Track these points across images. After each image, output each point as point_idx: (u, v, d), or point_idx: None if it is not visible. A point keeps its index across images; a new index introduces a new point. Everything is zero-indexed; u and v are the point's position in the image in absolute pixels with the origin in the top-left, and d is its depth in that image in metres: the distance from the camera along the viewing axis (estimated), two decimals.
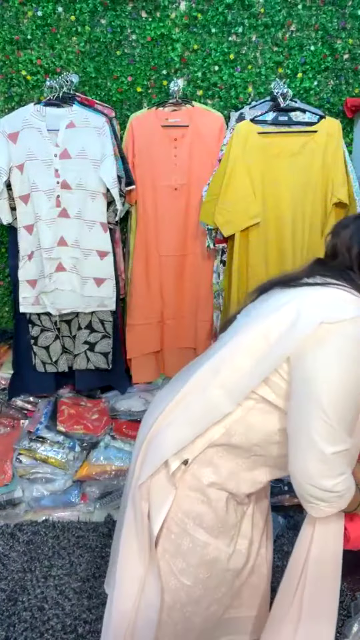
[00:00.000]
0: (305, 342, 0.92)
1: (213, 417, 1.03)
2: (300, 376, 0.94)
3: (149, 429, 1.12)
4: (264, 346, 0.98)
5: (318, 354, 0.91)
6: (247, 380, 1.00)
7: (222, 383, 1.03)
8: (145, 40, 2.15)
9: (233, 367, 1.02)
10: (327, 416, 0.89)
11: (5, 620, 1.74)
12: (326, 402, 0.90)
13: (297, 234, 2.03)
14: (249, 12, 2.13)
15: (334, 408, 0.90)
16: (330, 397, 0.90)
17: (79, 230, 2.06)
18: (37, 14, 2.10)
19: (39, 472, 2.17)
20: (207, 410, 1.04)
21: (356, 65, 2.21)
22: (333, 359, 0.90)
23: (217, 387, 1.03)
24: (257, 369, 0.99)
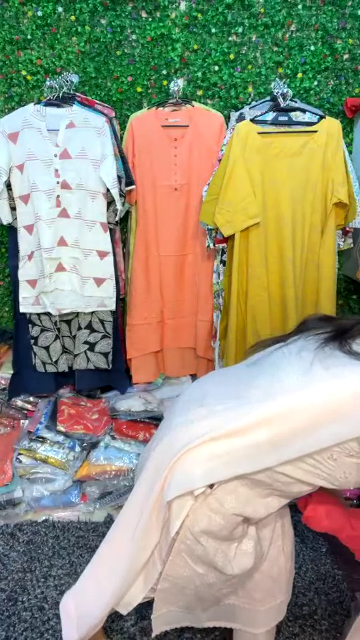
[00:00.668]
0: None
1: (253, 467, 1.04)
2: None
3: (178, 451, 1.11)
4: (343, 412, 0.97)
5: None
6: (301, 444, 1.00)
7: (272, 437, 1.02)
8: (145, 40, 2.15)
9: (290, 424, 1.01)
10: None
11: (5, 620, 1.74)
12: None
13: (297, 233, 2.03)
14: (249, 12, 2.13)
15: None
16: None
17: (79, 230, 2.06)
18: (37, 14, 2.10)
19: (39, 472, 2.17)
20: (249, 457, 1.04)
21: (356, 65, 2.22)
22: None
23: (266, 440, 1.02)
24: (321, 434, 0.98)
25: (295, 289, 2.06)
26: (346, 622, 1.69)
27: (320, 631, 1.72)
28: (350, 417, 0.95)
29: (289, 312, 2.06)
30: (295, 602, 1.83)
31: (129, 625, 1.73)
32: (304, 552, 2.05)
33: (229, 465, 1.05)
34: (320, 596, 1.85)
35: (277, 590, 1.33)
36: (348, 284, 2.52)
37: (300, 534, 2.15)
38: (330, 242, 2.05)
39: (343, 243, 2.21)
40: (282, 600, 1.36)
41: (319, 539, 2.12)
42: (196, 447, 1.09)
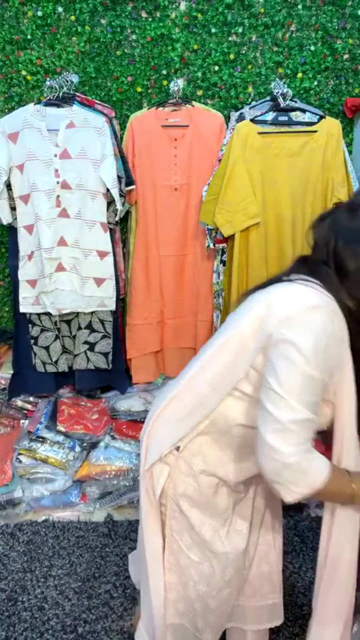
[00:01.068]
0: (272, 334, 0.96)
1: (201, 413, 1.09)
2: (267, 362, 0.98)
3: (150, 423, 1.20)
4: (240, 344, 1.04)
5: (280, 344, 0.94)
6: (228, 376, 1.06)
7: (209, 381, 1.09)
8: (145, 40, 2.15)
9: (217, 366, 1.08)
10: (280, 388, 0.92)
11: (5, 620, 1.74)
12: (284, 378, 0.92)
13: (297, 234, 2.03)
14: (249, 12, 2.13)
15: (289, 385, 0.91)
16: (289, 375, 0.92)
17: (79, 230, 2.06)
18: (37, 14, 2.10)
19: (39, 472, 2.17)
20: (196, 406, 1.10)
21: (356, 65, 2.22)
22: (293, 344, 0.92)
23: (205, 385, 1.09)
24: (236, 365, 1.04)
25: None
26: None
27: None
28: (252, 342, 1.02)
29: None
30: (295, 602, 1.83)
31: (128, 625, 1.73)
32: (304, 552, 2.05)
33: (185, 420, 1.11)
34: None
35: (268, 588, 1.32)
36: None
37: (300, 534, 2.15)
38: None
39: None
40: (275, 602, 1.34)
41: (319, 539, 2.12)
42: (161, 413, 1.17)
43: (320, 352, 0.91)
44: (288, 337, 0.92)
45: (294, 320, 0.94)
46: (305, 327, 0.92)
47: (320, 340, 0.91)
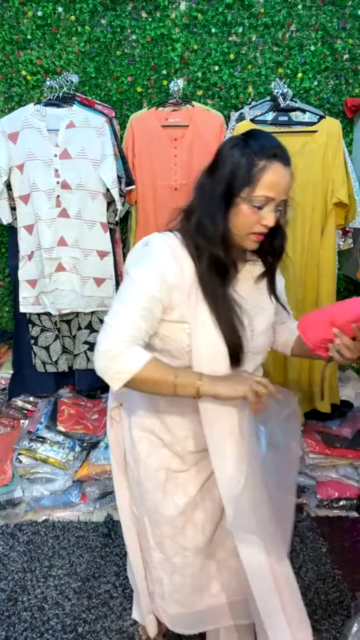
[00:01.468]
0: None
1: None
2: None
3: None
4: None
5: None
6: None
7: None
8: (145, 40, 2.15)
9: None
10: (115, 301, 1.11)
11: (5, 620, 1.74)
12: (118, 296, 1.11)
13: (297, 234, 2.03)
14: (249, 12, 2.13)
15: (119, 297, 1.10)
16: (121, 291, 1.11)
17: (79, 230, 2.06)
18: (37, 14, 2.10)
19: (39, 472, 2.17)
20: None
21: (356, 65, 2.22)
22: (127, 272, 1.13)
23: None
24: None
25: (295, 289, 2.06)
26: (346, 622, 1.69)
27: (320, 631, 1.72)
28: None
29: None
30: None
31: (128, 625, 1.73)
32: (304, 552, 2.05)
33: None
34: (320, 596, 1.85)
35: (236, 585, 1.32)
36: (348, 284, 2.52)
37: (300, 534, 2.15)
38: (330, 242, 2.05)
39: (343, 243, 2.21)
40: (238, 600, 1.33)
41: (319, 539, 2.12)
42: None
43: (146, 273, 1.08)
44: (125, 268, 1.15)
45: (130, 256, 1.16)
46: (135, 257, 1.14)
47: (146, 264, 1.09)
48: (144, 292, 1.07)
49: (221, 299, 1.11)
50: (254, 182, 1.05)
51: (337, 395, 2.26)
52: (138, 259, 1.11)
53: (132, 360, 1.05)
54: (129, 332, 1.07)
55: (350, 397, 2.44)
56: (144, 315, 1.08)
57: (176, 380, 1.08)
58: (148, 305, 1.08)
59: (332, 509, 2.24)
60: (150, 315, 1.08)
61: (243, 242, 1.12)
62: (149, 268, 1.08)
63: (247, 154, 1.06)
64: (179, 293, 1.09)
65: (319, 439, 2.26)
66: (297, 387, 2.15)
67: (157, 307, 1.09)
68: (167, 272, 1.08)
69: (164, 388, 1.09)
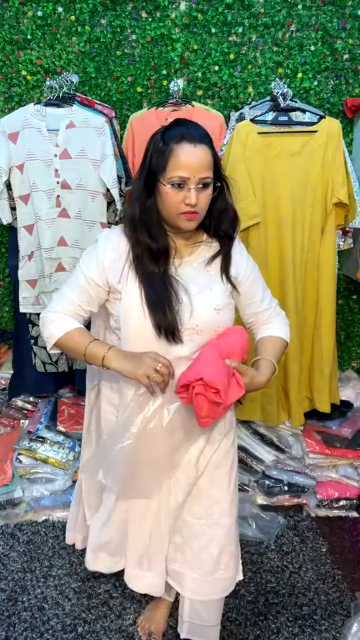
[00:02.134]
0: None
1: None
2: None
3: None
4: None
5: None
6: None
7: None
8: (145, 40, 2.15)
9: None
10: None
11: (5, 620, 1.74)
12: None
13: (297, 234, 2.03)
14: (249, 12, 2.13)
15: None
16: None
17: (79, 230, 2.06)
18: (37, 14, 2.10)
19: (39, 472, 2.17)
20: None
21: (356, 65, 2.22)
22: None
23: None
24: None
25: (295, 289, 2.06)
26: (346, 622, 1.69)
27: (320, 631, 1.72)
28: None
29: (289, 312, 2.05)
30: (295, 602, 1.83)
31: (127, 624, 1.73)
32: (304, 552, 2.05)
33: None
34: (320, 596, 1.85)
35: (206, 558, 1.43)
36: (348, 284, 2.52)
37: (300, 534, 2.15)
38: (330, 242, 2.05)
39: (343, 243, 2.20)
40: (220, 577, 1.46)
41: (319, 539, 2.12)
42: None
43: (86, 260, 1.29)
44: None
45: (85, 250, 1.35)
46: (86, 251, 1.32)
47: (88, 254, 1.30)
48: (82, 274, 1.28)
49: (151, 279, 1.23)
50: (167, 165, 1.17)
51: (337, 395, 2.26)
52: (87, 251, 1.32)
53: (57, 328, 1.28)
54: (63, 304, 1.29)
55: (350, 397, 2.44)
56: (79, 292, 1.29)
57: (86, 350, 1.25)
58: (84, 284, 1.28)
59: (332, 509, 2.24)
60: (85, 292, 1.28)
61: (177, 223, 1.22)
62: (89, 256, 1.29)
63: (159, 142, 1.20)
64: (114, 275, 1.26)
65: (319, 439, 2.26)
66: (297, 387, 2.15)
67: (92, 287, 1.28)
68: (103, 257, 1.27)
69: (78, 355, 1.28)
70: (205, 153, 1.18)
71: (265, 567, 1.97)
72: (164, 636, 1.68)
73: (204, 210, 1.23)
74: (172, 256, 1.28)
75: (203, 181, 1.18)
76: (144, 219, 1.23)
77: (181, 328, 1.23)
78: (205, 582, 1.43)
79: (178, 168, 1.16)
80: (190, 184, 1.16)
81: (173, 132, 1.18)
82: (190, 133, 1.17)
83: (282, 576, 1.94)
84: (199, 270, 1.30)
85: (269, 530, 2.12)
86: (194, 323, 1.25)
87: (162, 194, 1.19)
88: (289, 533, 2.14)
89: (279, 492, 2.21)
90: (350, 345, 2.62)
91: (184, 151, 1.16)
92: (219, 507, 1.41)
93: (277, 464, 2.24)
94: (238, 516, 2.01)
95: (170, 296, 1.22)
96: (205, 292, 1.27)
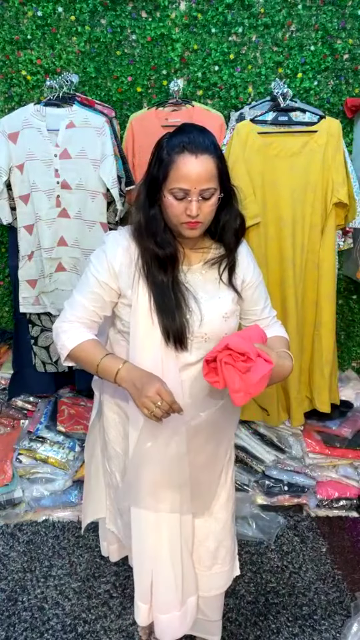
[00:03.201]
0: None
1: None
2: None
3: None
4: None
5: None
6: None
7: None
8: (145, 40, 2.15)
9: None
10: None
11: (5, 620, 1.74)
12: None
13: (297, 234, 2.03)
14: (249, 12, 2.13)
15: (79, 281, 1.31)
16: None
17: (79, 230, 2.06)
18: (37, 14, 2.10)
19: (39, 472, 2.17)
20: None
21: (356, 65, 2.21)
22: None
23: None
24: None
25: (295, 289, 2.06)
26: (346, 622, 1.69)
27: (320, 631, 1.72)
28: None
29: (289, 312, 2.06)
30: (295, 602, 1.83)
31: (127, 624, 1.73)
32: (304, 552, 2.05)
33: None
34: (320, 596, 1.85)
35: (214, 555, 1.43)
36: (348, 284, 2.52)
37: (300, 534, 2.15)
38: (330, 242, 2.05)
39: (343, 243, 2.20)
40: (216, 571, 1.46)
41: (319, 539, 2.12)
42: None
43: (96, 263, 1.26)
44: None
45: (93, 252, 1.31)
46: (94, 253, 1.29)
47: (98, 257, 1.26)
48: (94, 277, 1.25)
49: (161, 286, 1.22)
50: (168, 176, 1.15)
51: (337, 395, 2.26)
52: (95, 254, 1.28)
53: (70, 339, 1.25)
54: (76, 312, 1.27)
55: (350, 397, 2.44)
56: (93, 298, 1.26)
57: (100, 363, 1.22)
58: (97, 289, 1.25)
59: (332, 509, 2.24)
60: (99, 298, 1.26)
61: (180, 231, 1.21)
62: (99, 260, 1.26)
63: (162, 150, 1.18)
64: (124, 279, 1.24)
65: (319, 439, 2.26)
66: (297, 387, 2.15)
67: (106, 291, 1.25)
68: (113, 261, 1.24)
69: (91, 368, 1.25)
70: (208, 163, 1.15)
71: (265, 567, 1.97)
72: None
73: (208, 219, 1.21)
74: (180, 262, 1.26)
75: (205, 193, 1.15)
76: (149, 227, 1.22)
77: (190, 336, 1.23)
78: (203, 577, 1.44)
79: (179, 180, 1.14)
80: (191, 196, 1.15)
81: (175, 141, 1.16)
82: (193, 143, 1.14)
83: (282, 576, 1.94)
84: (207, 277, 1.29)
85: (269, 530, 2.12)
86: (203, 331, 1.24)
87: (165, 203, 1.19)
88: (289, 533, 2.14)
89: (279, 492, 2.21)
90: (350, 345, 2.62)
91: (185, 162, 1.13)
92: (216, 502, 1.41)
93: (277, 464, 2.24)
94: (238, 516, 2.01)
95: (180, 303, 1.21)
96: (214, 299, 1.27)
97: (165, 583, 1.34)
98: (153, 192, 1.20)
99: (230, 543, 1.47)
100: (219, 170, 1.17)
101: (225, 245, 1.30)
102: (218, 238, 1.29)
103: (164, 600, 1.36)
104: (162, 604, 1.36)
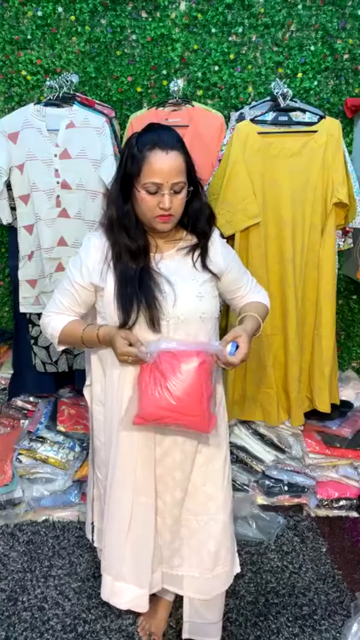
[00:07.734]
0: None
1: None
2: None
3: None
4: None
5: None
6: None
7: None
8: (145, 40, 2.15)
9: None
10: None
11: (5, 620, 1.74)
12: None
13: (297, 234, 2.03)
14: (249, 12, 2.13)
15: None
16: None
17: (79, 230, 2.06)
18: (37, 14, 2.10)
19: (39, 472, 2.17)
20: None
21: (356, 65, 2.22)
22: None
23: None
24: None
25: (295, 289, 2.06)
26: (346, 622, 1.69)
27: (320, 631, 1.72)
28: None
29: (289, 312, 2.06)
30: (295, 602, 1.83)
31: (127, 624, 1.73)
32: (304, 552, 2.05)
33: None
34: (320, 596, 1.85)
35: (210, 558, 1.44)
36: (348, 284, 2.52)
37: (300, 534, 2.15)
38: (330, 242, 2.05)
39: (343, 243, 2.20)
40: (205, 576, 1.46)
41: (319, 539, 2.12)
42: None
43: (72, 264, 1.37)
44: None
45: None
46: (73, 255, 1.40)
47: (73, 260, 1.38)
48: (68, 278, 1.36)
49: (127, 273, 1.29)
50: (141, 172, 1.22)
51: (337, 395, 2.26)
52: (72, 257, 1.40)
53: (54, 328, 1.39)
54: (54, 308, 1.40)
55: (350, 397, 2.44)
56: (67, 295, 1.37)
57: (82, 335, 1.34)
58: (69, 287, 1.36)
59: (332, 509, 2.24)
60: (72, 295, 1.36)
61: (153, 225, 1.29)
62: (74, 262, 1.37)
63: (133, 147, 1.24)
64: (97, 275, 1.32)
65: (319, 439, 2.26)
66: (297, 387, 2.15)
67: (79, 290, 1.35)
68: (87, 260, 1.34)
69: (78, 342, 1.36)
70: (177, 159, 1.23)
71: (265, 567, 1.97)
72: (164, 636, 1.68)
73: (179, 212, 1.29)
74: (152, 252, 1.34)
75: (176, 186, 1.24)
76: (122, 222, 1.30)
77: (164, 317, 1.28)
78: (205, 579, 1.44)
79: (152, 175, 1.22)
80: (164, 190, 1.23)
81: (146, 139, 1.23)
82: (162, 140, 1.22)
83: (282, 576, 1.94)
84: (181, 262, 1.36)
85: (269, 530, 2.12)
86: (178, 312, 1.29)
87: (138, 199, 1.26)
88: (289, 533, 2.14)
89: (279, 492, 2.21)
90: (350, 345, 2.62)
91: (157, 158, 1.21)
92: (213, 503, 1.42)
93: (277, 464, 2.24)
94: (238, 516, 2.01)
95: (150, 287, 1.28)
96: (188, 281, 1.33)
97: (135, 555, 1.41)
98: (126, 188, 1.27)
99: (230, 543, 1.48)
100: (187, 165, 1.27)
101: (197, 234, 1.38)
102: (191, 229, 1.38)
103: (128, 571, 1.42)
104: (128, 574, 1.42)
